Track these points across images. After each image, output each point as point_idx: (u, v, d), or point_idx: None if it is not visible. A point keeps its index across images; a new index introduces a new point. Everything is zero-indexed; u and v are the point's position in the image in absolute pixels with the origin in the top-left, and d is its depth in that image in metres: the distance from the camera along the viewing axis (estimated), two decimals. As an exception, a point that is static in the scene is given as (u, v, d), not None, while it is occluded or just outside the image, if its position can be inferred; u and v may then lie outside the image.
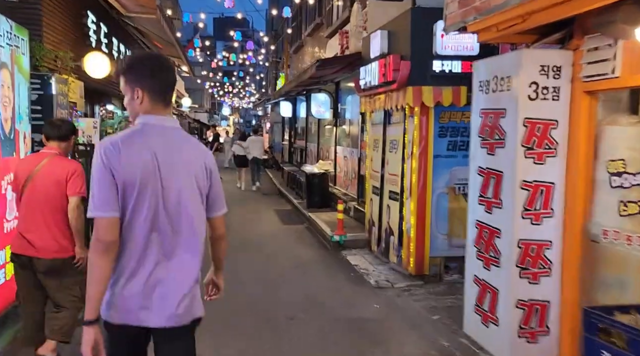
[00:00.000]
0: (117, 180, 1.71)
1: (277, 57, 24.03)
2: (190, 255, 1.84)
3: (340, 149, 10.25)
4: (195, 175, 1.83)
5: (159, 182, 1.75)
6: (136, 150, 1.74)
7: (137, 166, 1.73)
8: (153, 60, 1.86)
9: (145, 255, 1.77)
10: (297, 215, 10.16)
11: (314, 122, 13.36)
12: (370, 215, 6.66)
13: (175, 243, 1.80)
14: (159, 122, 1.81)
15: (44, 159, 3.05)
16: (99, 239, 1.70)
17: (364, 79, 6.46)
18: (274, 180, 16.59)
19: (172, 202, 1.78)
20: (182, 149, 1.83)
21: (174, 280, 1.80)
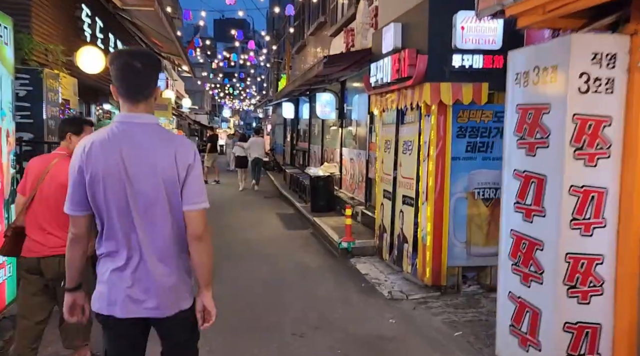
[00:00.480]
0: (85, 178, 1.78)
1: (279, 57, 23.67)
2: (167, 248, 1.86)
3: (346, 151, 9.86)
4: (164, 169, 1.81)
5: (126, 179, 1.78)
6: (103, 148, 1.77)
7: (102, 164, 1.77)
8: (121, 57, 1.84)
9: (123, 250, 1.83)
10: (301, 220, 9.77)
11: (317, 123, 12.99)
12: (381, 221, 6.27)
13: (151, 237, 1.83)
14: (128, 119, 1.83)
15: (53, 160, 3.00)
16: (69, 230, 1.90)
17: (374, 76, 6.08)
18: (276, 182, 16.20)
19: (141, 199, 1.80)
20: (150, 145, 1.81)
21: (154, 275, 1.84)
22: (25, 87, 5.48)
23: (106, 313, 1.86)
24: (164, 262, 1.85)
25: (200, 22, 15.51)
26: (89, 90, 9.49)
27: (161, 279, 1.84)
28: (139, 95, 1.83)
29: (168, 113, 13.75)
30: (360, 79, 8.88)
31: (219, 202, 11.78)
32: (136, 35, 11.80)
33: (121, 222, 1.81)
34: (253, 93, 44.65)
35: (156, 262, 1.84)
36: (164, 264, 1.85)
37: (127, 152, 1.78)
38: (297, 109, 17.05)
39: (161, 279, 1.84)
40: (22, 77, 5.41)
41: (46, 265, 2.94)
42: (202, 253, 1.89)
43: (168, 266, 1.86)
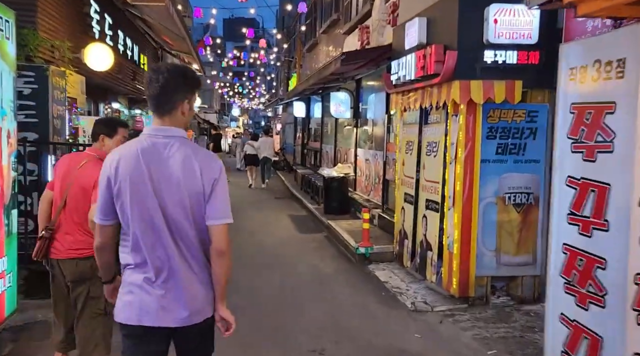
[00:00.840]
0: (113, 188, 1.84)
1: (290, 56, 23.38)
2: (194, 262, 1.90)
3: (361, 151, 9.55)
4: (189, 183, 1.84)
5: (152, 192, 1.82)
6: (130, 162, 1.82)
7: (130, 177, 1.81)
8: (148, 72, 1.92)
9: (150, 261, 1.85)
10: (314, 222, 9.47)
11: (330, 122, 12.68)
12: (401, 226, 5.95)
13: (178, 248, 1.86)
14: (155, 133, 1.87)
15: (82, 162, 2.94)
16: (95, 238, 1.97)
17: (395, 74, 5.76)
18: (287, 182, 15.92)
19: (167, 211, 1.83)
20: (175, 159, 1.84)
21: (184, 285, 1.87)
22: (30, 84, 5.23)
23: (136, 324, 1.88)
24: (192, 271, 1.90)
25: (210, 20, 15.25)
26: (97, 89, 9.26)
27: (190, 288, 1.89)
28: (161, 109, 1.87)
29: (178, 112, 13.51)
30: (376, 77, 8.57)
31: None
32: (146, 33, 11.56)
33: (148, 234, 1.84)
34: (262, 92, 44.42)
35: (185, 272, 1.88)
36: (192, 274, 1.90)
37: (153, 165, 1.83)
38: (308, 108, 16.74)
39: (190, 288, 1.89)
40: (26, 74, 5.16)
41: (64, 267, 2.91)
42: (222, 268, 1.93)
43: (196, 275, 1.91)
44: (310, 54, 19.25)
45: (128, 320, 1.89)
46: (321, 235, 8.33)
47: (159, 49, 13.41)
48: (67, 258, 2.90)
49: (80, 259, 2.90)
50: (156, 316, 1.86)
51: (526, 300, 4.76)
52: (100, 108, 9.77)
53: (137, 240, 1.86)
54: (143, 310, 1.87)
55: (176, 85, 1.87)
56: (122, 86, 9.73)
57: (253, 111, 63.94)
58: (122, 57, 9.46)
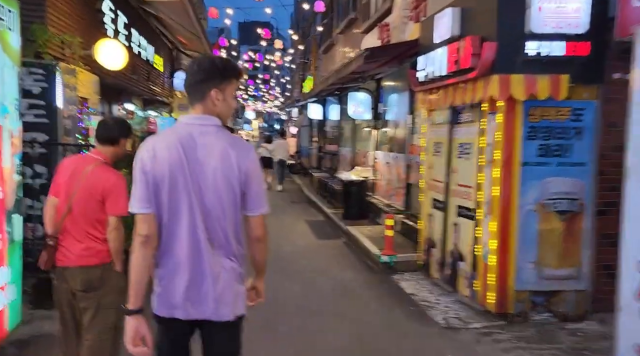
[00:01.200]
0: (149, 177, 1.79)
1: (305, 58, 23.11)
2: (225, 252, 1.88)
3: (380, 154, 9.16)
4: (226, 172, 1.82)
5: (189, 178, 1.80)
6: (165, 147, 1.80)
7: (166, 163, 1.79)
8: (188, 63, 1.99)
9: (186, 251, 1.83)
10: (332, 228, 9.11)
11: (348, 124, 12.33)
12: (429, 234, 5.55)
13: (211, 240, 1.84)
14: (191, 121, 1.87)
15: (89, 167, 2.78)
16: (138, 232, 1.82)
17: (423, 70, 5.38)
18: (303, 186, 15.59)
19: (201, 199, 1.81)
20: (211, 146, 1.82)
21: (213, 277, 1.84)
22: (39, 83, 4.97)
23: (167, 316, 1.86)
24: (224, 266, 1.87)
25: (225, 20, 15.04)
26: (110, 89, 9.03)
27: (220, 283, 1.86)
28: (193, 97, 1.88)
29: (192, 114, 13.28)
30: (398, 76, 8.19)
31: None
32: (161, 33, 11.36)
33: (183, 224, 1.82)
34: (277, 94, 44.26)
35: (215, 266, 1.85)
36: (223, 269, 1.87)
37: (190, 152, 1.81)
38: (324, 110, 16.41)
39: (220, 283, 1.86)
40: (35, 72, 4.91)
41: (72, 276, 2.77)
42: (262, 252, 2.01)
43: (227, 271, 1.88)
44: (326, 56, 18.95)
45: (159, 311, 1.87)
46: (340, 242, 7.97)
47: (173, 50, 13.21)
48: (76, 266, 2.76)
49: (90, 267, 2.77)
50: (185, 310, 1.84)
51: (570, 317, 4.32)
52: (114, 109, 9.56)
53: (170, 231, 1.83)
54: (172, 303, 1.85)
55: (205, 73, 1.86)
56: (135, 87, 9.51)
57: (267, 114, 63.84)
58: (136, 57, 9.24)
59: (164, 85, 12.27)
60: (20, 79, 4.95)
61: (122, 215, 2.74)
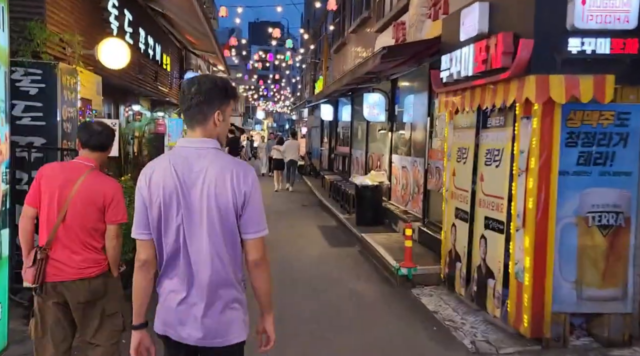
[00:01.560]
0: (146, 201, 1.81)
1: (316, 58, 22.76)
2: (222, 278, 1.82)
3: (396, 158, 8.77)
4: (219, 196, 1.78)
5: (183, 202, 1.78)
6: (162, 171, 1.80)
7: (161, 187, 1.78)
8: (183, 84, 1.88)
9: (181, 275, 1.82)
10: (346, 234, 8.74)
11: (361, 126, 11.95)
12: (452, 246, 5.17)
13: (204, 263, 1.80)
14: (187, 144, 1.85)
15: (82, 175, 2.66)
16: (136, 257, 1.86)
17: (446, 70, 5.00)
18: (314, 189, 15.23)
19: (195, 223, 1.78)
20: (207, 170, 1.79)
21: (205, 301, 1.81)
22: (37, 84, 4.69)
23: (161, 333, 1.88)
24: (218, 290, 1.83)
25: (236, 19, 14.73)
26: (116, 90, 8.77)
27: (213, 307, 1.83)
28: (193, 120, 1.84)
29: (202, 115, 12.96)
30: (416, 76, 7.80)
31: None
32: (170, 32, 11.08)
33: (178, 249, 1.81)
34: (287, 95, 44.00)
35: (208, 291, 1.81)
36: (216, 293, 1.83)
37: (185, 177, 1.79)
38: (336, 111, 16.06)
39: (213, 307, 1.83)
40: (33, 72, 4.63)
41: (71, 289, 2.64)
42: (260, 279, 1.89)
43: (221, 297, 1.84)
44: (337, 55, 18.58)
45: (156, 329, 1.89)
46: (354, 250, 7.59)
47: (182, 49, 12.93)
48: (76, 279, 2.64)
49: (92, 278, 2.67)
50: (176, 332, 1.84)
51: (614, 342, 3.91)
52: (121, 110, 9.28)
53: (167, 254, 1.83)
54: (167, 322, 1.85)
55: (207, 95, 1.82)
56: (143, 87, 9.22)
57: (277, 114, 63.62)
58: (143, 57, 8.95)
59: (172, 86, 11.99)
60: (17, 80, 4.72)
61: (122, 222, 2.72)
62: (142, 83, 9.19)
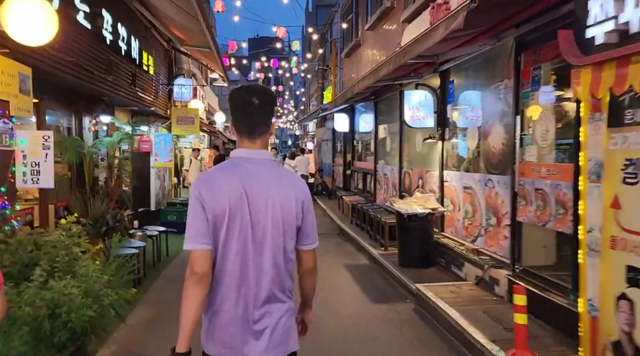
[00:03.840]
0: (208, 212, 1.73)
1: (325, 64, 20.71)
2: (278, 288, 1.81)
3: (453, 175, 6.54)
4: (284, 207, 1.78)
5: (248, 213, 1.74)
6: (225, 182, 1.75)
7: (226, 198, 1.73)
8: (240, 95, 1.81)
9: (238, 287, 1.76)
10: (386, 280, 6.49)
11: (391, 136, 9.75)
12: (623, 334, 2.90)
13: (263, 275, 1.77)
14: (249, 155, 1.81)
15: None
16: (192, 271, 1.73)
17: (606, 22, 2.81)
18: (329, 212, 12.98)
19: (260, 234, 1.76)
20: (270, 181, 1.79)
21: (265, 313, 1.79)
22: None
23: (214, 354, 1.78)
24: (277, 302, 1.81)
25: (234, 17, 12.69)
26: (76, 95, 6.62)
27: (271, 320, 1.79)
28: (257, 131, 1.82)
29: (195, 129, 10.78)
30: (487, 60, 5.60)
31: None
32: (151, 24, 8.97)
33: (237, 260, 1.75)
34: (290, 108, 41.99)
35: (268, 303, 1.78)
36: (275, 305, 1.80)
37: (250, 188, 1.75)
38: (352, 120, 13.91)
39: (271, 320, 1.79)
40: None
41: None
42: (313, 284, 2.00)
43: (278, 308, 1.81)
44: (349, 60, 16.48)
45: (209, 350, 1.78)
46: (407, 309, 5.32)
47: (171, 50, 10.83)
48: None
49: None
50: (234, 350, 1.76)
51: None
52: (85, 122, 7.11)
53: (222, 266, 1.75)
54: (224, 343, 1.76)
55: (270, 105, 1.82)
56: (116, 93, 7.08)
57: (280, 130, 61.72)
58: (112, 51, 6.82)
59: (159, 93, 9.86)
60: None
61: None
62: (115, 87, 7.05)
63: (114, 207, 7.01)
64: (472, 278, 5.52)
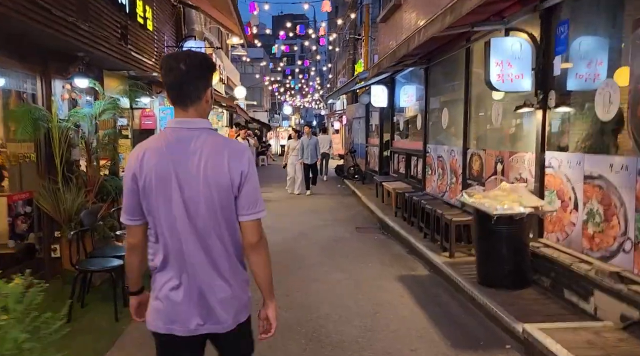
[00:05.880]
0: (139, 185, 1.72)
1: (356, 33, 18.57)
2: (219, 256, 1.76)
3: (562, 159, 4.56)
4: (217, 177, 1.70)
5: (177, 186, 1.70)
6: (154, 155, 1.71)
7: (153, 172, 1.70)
8: (166, 61, 1.74)
9: (176, 263, 1.74)
10: (460, 302, 4.65)
11: (450, 106, 7.74)
12: None
13: (204, 248, 1.73)
14: (179, 125, 1.74)
15: None
16: (126, 239, 1.86)
17: None
18: (365, 200, 11.12)
19: (192, 207, 1.70)
20: (202, 151, 1.71)
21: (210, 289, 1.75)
22: None
23: (164, 332, 1.76)
24: (219, 274, 1.76)
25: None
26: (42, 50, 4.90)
27: (218, 293, 1.75)
28: (187, 99, 1.73)
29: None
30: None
31: (277, 242, 6.88)
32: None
33: (174, 232, 1.72)
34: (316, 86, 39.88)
35: (211, 275, 1.74)
36: (218, 277, 1.75)
37: (179, 159, 1.70)
38: (392, 94, 11.93)
39: (218, 293, 1.75)
40: None
41: None
42: (258, 264, 1.81)
43: (222, 279, 1.76)
44: (386, 25, 14.34)
45: (157, 328, 1.77)
46: (514, 365, 3.47)
47: (178, 4, 8.97)
48: None
49: None
50: (184, 325, 1.74)
51: None
52: (57, 88, 5.38)
53: (162, 239, 1.74)
54: (170, 318, 1.74)
55: (200, 70, 1.73)
56: (91, 46, 5.30)
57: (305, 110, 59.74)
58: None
59: (162, 55, 8.07)
60: None
61: None
62: (93, 40, 5.28)
63: (94, 200, 5.31)
64: (612, 317, 3.61)
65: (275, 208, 10.52)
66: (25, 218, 4.98)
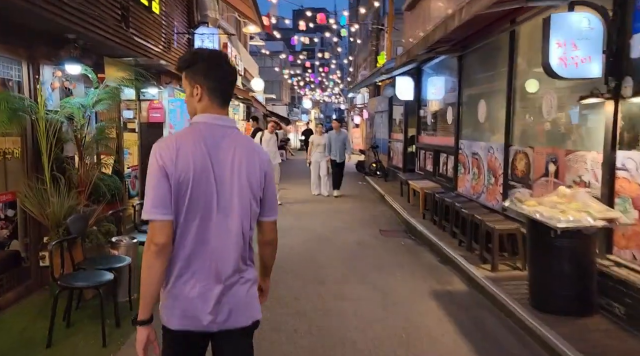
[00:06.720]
0: (171, 180, 1.64)
1: (379, 23, 17.71)
2: (243, 257, 1.76)
3: (637, 160, 3.73)
4: (249, 176, 1.73)
5: (213, 180, 1.67)
6: (191, 149, 1.66)
7: (191, 165, 1.65)
8: (214, 57, 1.75)
9: (196, 258, 1.69)
10: (511, 330, 3.88)
11: (487, 100, 6.90)
12: None
13: (228, 244, 1.71)
14: (215, 121, 1.74)
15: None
16: (152, 241, 1.64)
17: None
18: (389, 198, 10.35)
19: (226, 202, 1.69)
20: (236, 149, 1.72)
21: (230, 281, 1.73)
22: None
23: (178, 328, 1.70)
24: (240, 271, 1.75)
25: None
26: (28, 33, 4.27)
27: (239, 289, 1.74)
28: (229, 98, 1.80)
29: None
30: None
31: (296, 246, 6.14)
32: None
33: (200, 228, 1.67)
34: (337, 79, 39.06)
35: (233, 271, 1.73)
36: (239, 273, 1.75)
37: (216, 153, 1.69)
38: (418, 86, 11.10)
39: (239, 289, 1.74)
40: None
41: None
42: (271, 255, 1.94)
43: (243, 275, 1.76)
44: (413, 14, 13.46)
45: (169, 323, 1.71)
46: None
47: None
48: None
49: None
50: (198, 321, 1.69)
51: None
52: (46, 74, 4.76)
53: (185, 234, 1.66)
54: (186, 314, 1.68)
55: (236, 77, 1.83)
56: (82, 27, 4.65)
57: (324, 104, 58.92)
58: None
59: (172, 44, 7.42)
60: None
61: None
62: (85, 19, 4.64)
63: (86, 202, 4.69)
64: None
65: (294, 208, 9.84)
66: (5, 223, 4.38)
